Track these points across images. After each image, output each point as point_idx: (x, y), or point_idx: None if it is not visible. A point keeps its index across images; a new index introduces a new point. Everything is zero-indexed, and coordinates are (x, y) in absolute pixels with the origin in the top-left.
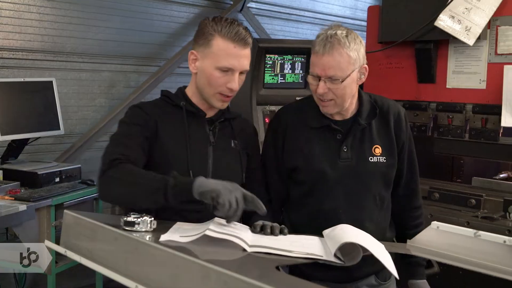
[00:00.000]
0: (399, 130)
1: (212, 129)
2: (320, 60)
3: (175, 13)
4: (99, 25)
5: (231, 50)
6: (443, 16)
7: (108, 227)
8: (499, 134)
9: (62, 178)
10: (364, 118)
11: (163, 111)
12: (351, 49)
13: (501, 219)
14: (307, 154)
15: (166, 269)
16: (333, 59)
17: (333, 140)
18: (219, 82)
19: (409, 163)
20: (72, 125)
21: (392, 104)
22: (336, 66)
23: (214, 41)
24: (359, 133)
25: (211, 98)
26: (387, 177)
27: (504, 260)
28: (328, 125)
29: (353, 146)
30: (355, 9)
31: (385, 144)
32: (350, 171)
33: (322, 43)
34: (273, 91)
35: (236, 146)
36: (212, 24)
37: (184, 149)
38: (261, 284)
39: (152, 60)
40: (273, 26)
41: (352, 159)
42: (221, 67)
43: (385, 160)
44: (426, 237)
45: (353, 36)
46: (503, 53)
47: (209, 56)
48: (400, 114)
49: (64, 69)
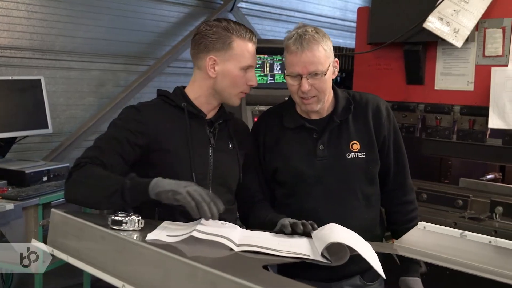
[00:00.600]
0: (378, 124)
1: (212, 130)
2: (300, 58)
3: (165, 13)
4: (89, 23)
5: (250, 49)
6: (432, 18)
7: (96, 226)
8: (486, 136)
9: (50, 177)
10: (339, 115)
11: (163, 113)
12: (325, 44)
13: (488, 220)
14: (285, 155)
15: (153, 268)
16: (312, 54)
17: (310, 139)
18: (242, 81)
19: (395, 156)
20: (61, 123)
21: (371, 98)
22: (317, 61)
23: (235, 43)
24: (335, 130)
25: (233, 98)
26: (369, 173)
27: (489, 260)
28: (303, 125)
29: (330, 144)
30: (345, 10)
31: (364, 139)
32: (328, 169)
33: (298, 42)
34: (262, 91)
35: (234, 147)
36: (226, 28)
37: (186, 151)
38: (248, 283)
39: (141, 59)
40: (263, 27)
41: (328, 157)
42: (245, 66)
43: (364, 155)
44: (413, 237)
45: (321, 32)
46: (491, 55)
47: (232, 58)
48: (380, 108)
49: (53, 68)
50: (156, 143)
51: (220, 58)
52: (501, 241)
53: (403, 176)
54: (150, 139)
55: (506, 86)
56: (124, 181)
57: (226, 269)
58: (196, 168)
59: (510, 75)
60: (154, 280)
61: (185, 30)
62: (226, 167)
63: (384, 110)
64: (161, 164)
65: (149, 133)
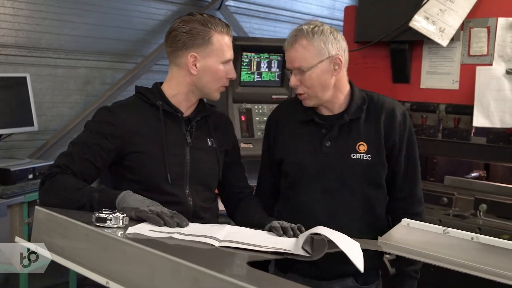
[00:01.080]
0: (389, 128)
1: (188, 129)
2: (288, 54)
3: (152, 10)
4: (75, 20)
5: (227, 42)
6: (418, 17)
7: (80, 223)
8: (471, 134)
9: (36, 175)
10: (350, 113)
11: (138, 111)
12: (316, 40)
13: (472, 217)
14: (291, 147)
15: (137, 265)
16: (295, 50)
17: (318, 134)
18: (223, 75)
19: (405, 165)
20: (47, 121)
21: (388, 101)
22: (300, 57)
23: (214, 38)
24: (345, 128)
25: (214, 93)
26: (372, 176)
27: (472, 257)
28: (313, 119)
29: (336, 142)
30: (333, 9)
31: (373, 141)
32: (330, 166)
33: (289, 38)
34: (249, 89)
35: (213, 144)
36: (203, 23)
37: (161, 151)
38: (231, 279)
39: (128, 57)
40: (251, 25)
41: (333, 154)
42: (225, 61)
43: (369, 158)
44: (397, 234)
45: (322, 28)
46: (476, 55)
47: (212, 53)
48: (395, 112)
49: (39, 65)
50: (130, 144)
51: (200, 54)
52: (483, 238)
53: (412, 186)
54: (123, 142)
55: (491, 85)
56: (93, 195)
57: (209, 265)
58: (171, 169)
59: (495, 74)
60: (138, 277)
61: None
62: (205, 166)
63: (400, 115)
64: (136, 166)
65: (122, 135)
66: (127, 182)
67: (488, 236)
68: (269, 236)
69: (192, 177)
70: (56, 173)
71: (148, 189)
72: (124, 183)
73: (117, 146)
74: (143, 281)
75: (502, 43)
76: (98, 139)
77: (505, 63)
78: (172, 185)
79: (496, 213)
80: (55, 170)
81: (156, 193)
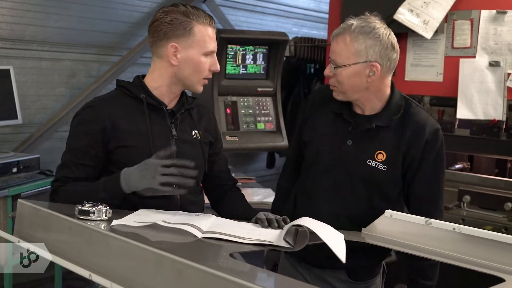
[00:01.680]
0: (412, 144)
1: (173, 121)
2: (331, 44)
3: (137, 2)
4: (60, 12)
5: (210, 33)
6: (402, 10)
7: (63, 216)
8: (455, 126)
9: (20, 169)
10: (379, 120)
11: (121, 105)
12: (359, 41)
13: (456, 209)
14: (316, 133)
15: (120, 257)
16: (336, 44)
17: (344, 130)
18: (205, 67)
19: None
20: (31, 114)
21: (422, 117)
22: (338, 51)
23: (196, 29)
24: (371, 132)
25: (196, 85)
26: (384, 187)
27: (454, 247)
28: (343, 114)
29: (358, 143)
30: (319, 1)
31: (392, 153)
32: (344, 164)
33: (339, 28)
34: (234, 81)
35: (197, 136)
36: (185, 13)
37: (147, 144)
38: (213, 271)
39: (114, 50)
40: (238, 18)
41: (351, 154)
42: (207, 52)
43: (385, 169)
44: (380, 226)
45: (369, 30)
46: (459, 47)
47: (193, 44)
48: (424, 129)
49: (23, 58)
50: (115, 138)
51: (181, 45)
52: (464, 228)
53: (428, 211)
54: (108, 136)
55: (474, 77)
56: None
57: (192, 257)
58: None
59: (478, 67)
60: (121, 269)
61: None
62: (191, 158)
63: (430, 135)
64: (122, 160)
65: (106, 129)
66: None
67: (472, 227)
68: (254, 228)
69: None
70: (58, 186)
71: None
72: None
73: (104, 142)
74: (126, 273)
75: (485, 35)
76: (87, 140)
77: (488, 55)
78: None
79: (479, 205)
80: (56, 185)
81: None
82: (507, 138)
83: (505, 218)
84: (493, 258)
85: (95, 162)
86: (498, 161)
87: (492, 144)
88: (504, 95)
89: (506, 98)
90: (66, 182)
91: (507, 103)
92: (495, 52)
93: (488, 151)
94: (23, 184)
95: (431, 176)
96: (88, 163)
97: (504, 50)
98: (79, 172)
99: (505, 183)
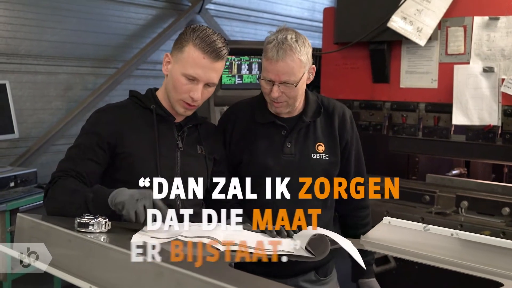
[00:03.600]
0: (342, 130)
1: (180, 134)
2: (274, 67)
3: (132, 15)
4: (55, 26)
5: (199, 60)
6: (396, 18)
7: (62, 229)
8: (450, 132)
9: (17, 183)
10: (309, 116)
11: (131, 114)
12: (302, 54)
13: (454, 214)
14: (252, 149)
15: (120, 269)
16: (286, 65)
17: (278, 136)
18: (183, 89)
19: (355, 164)
20: (28, 128)
21: (338, 105)
22: (290, 71)
23: (187, 48)
24: (303, 130)
25: (175, 104)
26: (329, 175)
27: (452, 253)
28: (273, 121)
29: (297, 143)
30: (313, 10)
31: (329, 142)
32: (292, 166)
33: (275, 49)
34: (230, 92)
35: (202, 151)
36: (190, 32)
37: (152, 154)
38: (214, 281)
39: (109, 62)
40: (232, 28)
41: (295, 154)
42: (187, 75)
43: (327, 157)
44: (379, 232)
45: (302, 39)
46: (453, 53)
47: (179, 61)
48: (345, 115)
49: (19, 72)
50: (122, 145)
51: (173, 58)
52: (462, 233)
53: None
54: (116, 141)
55: (468, 83)
56: (87, 195)
57: (191, 268)
58: (161, 171)
59: (472, 73)
60: (121, 281)
61: (153, 32)
62: (194, 171)
63: (349, 118)
64: (126, 167)
65: (115, 134)
66: (117, 183)
67: (470, 232)
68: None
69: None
70: (58, 177)
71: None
72: (113, 184)
73: (112, 145)
74: (126, 285)
75: (478, 41)
76: (95, 138)
77: (481, 61)
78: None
79: (477, 210)
80: (57, 175)
81: None
82: (502, 143)
83: (503, 223)
84: (491, 263)
85: (100, 160)
86: (495, 166)
87: (488, 149)
88: (498, 101)
89: (501, 104)
90: (67, 174)
91: (502, 108)
92: (488, 58)
93: (484, 156)
94: (20, 199)
95: (359, 152)
96: (94, 159)
97: (498, 55)
98: (83, 165)
99: (502, 188)
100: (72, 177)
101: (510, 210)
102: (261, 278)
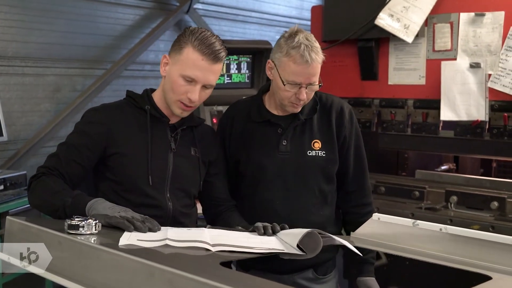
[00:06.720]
0: (340, 126)
1: (174, 135)
2: (307, 70)
3: (120, 15)
4: (42, 28)
5: (198, 61)
6: (383, 15)
7: (52, 231)
8: (439, 128)
9: (7, 186)
10: (304, 114)
11: (125, 114)
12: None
13: (443, 209)
14: (248, 147)
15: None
16: (316, 67)
17: (274, 134)
18: (181, 90)
19: (355, 159)
20: (16, 131)
21: (336, 100)
22: (317, 73)
23: (185, 49)
24: (299, 127)
25: (172, 105)
26: (327, 171)
27: (441, 248)
28: (269, 120)
29: (293, 140)
30: (301, 9)
31: (326, 139)
32: (288, 164)
33: (306, 53)
34: (220, 91)
35: (196, 154)
36: (189, 33)
37: (144, 154)
38: (205, 280)
39: (98, 63)
40: (221, 27)
41: (290, 152)
42: (185, 76)
43: (324, 154)
44: (369, 229)
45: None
46: (440, 50)
47: (178, 62)
48: (343, 110)
49: (6, 74)
50: (114, 145)
51: (171, 60)
52: (451, 228)
53: (362, 178)
54: (108, 141)
55: (456, 79)
56: (66, 199)
57: (183, 267)
58: (153, 172)
59: (459, 69)
60: (112, 282)
61: (141, 32)
62: (186, 173)
63: (347, 113)
64: (118, 167)
65: (107, 134)
66: (109, 182)
67: (460, 227)
68: (250, 235)
69: (173, 182)
70: (42, 173)
71: (129, 190)
72: (105, 183)
73: (102, 146)
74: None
75: (465, 37)
76: (84, 139)
77: (468, 57)
78: (153, 188)
79: (466, 205)
80: (42, 171)
81: (136, 195)
82: (490, 138)
83: (491, 217)
84: (480, 257)
85: (84, 163)
86: (483, 161)
87: (476, 144)
88: (485, 96)
89: (488, 99)
90: (51, 172)
91: (489, 103)
92: (475, 53)
93: (472, 151)
94: (10, 201)
95: (359, 148)
96: (79, 161)
97: (484, 51)
98: (67, 166)
99: (491, 182)
100: (55, 176)
101: (498, 204)
102: (252, 276)
